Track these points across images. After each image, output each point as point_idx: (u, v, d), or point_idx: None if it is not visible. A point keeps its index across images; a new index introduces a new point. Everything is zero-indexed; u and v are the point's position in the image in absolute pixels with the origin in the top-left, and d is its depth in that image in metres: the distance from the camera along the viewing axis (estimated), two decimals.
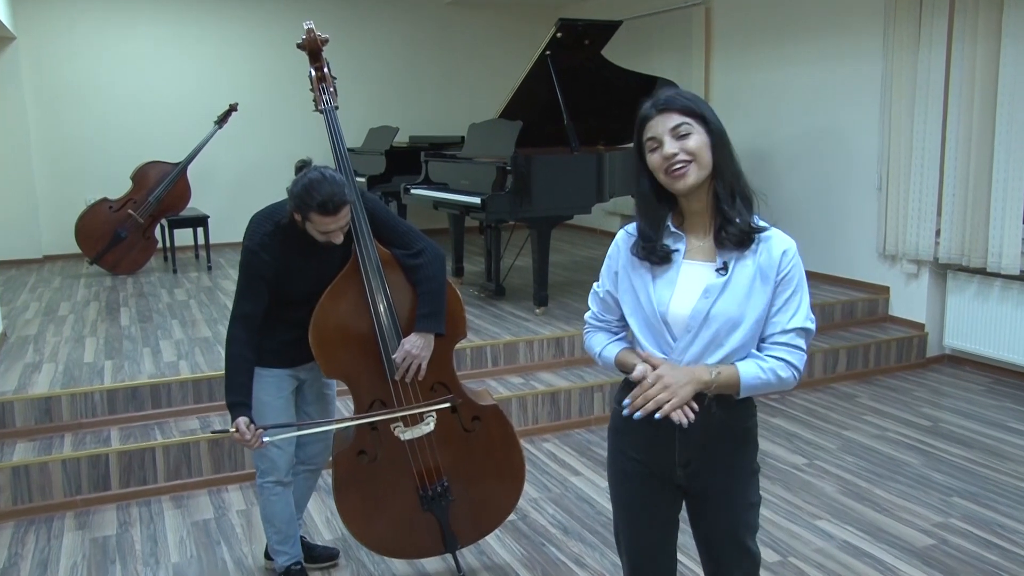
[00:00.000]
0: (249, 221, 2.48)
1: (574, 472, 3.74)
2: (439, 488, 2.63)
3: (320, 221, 2.34)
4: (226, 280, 6.46)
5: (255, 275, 2.42)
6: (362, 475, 2.57)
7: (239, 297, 2.44)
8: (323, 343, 2.49)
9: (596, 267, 6.86)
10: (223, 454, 3.63)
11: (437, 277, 2.55)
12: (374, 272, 2.53)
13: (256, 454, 2.61)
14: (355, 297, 2.53)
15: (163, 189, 6.76)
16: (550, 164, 5.01)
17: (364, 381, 2.54)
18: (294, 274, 2.46)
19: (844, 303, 5.48)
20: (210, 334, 4.78)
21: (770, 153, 6.52)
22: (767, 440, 4.07)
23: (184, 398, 3.94)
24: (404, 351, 2.51)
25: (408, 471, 2.61)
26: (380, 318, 2.53)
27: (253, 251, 2.41)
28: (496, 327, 4.82)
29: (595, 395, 4.33)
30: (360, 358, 2.53)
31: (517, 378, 4.45)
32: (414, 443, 2.59)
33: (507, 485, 2.76)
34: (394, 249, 2.59)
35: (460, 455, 2.67)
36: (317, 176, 2.35)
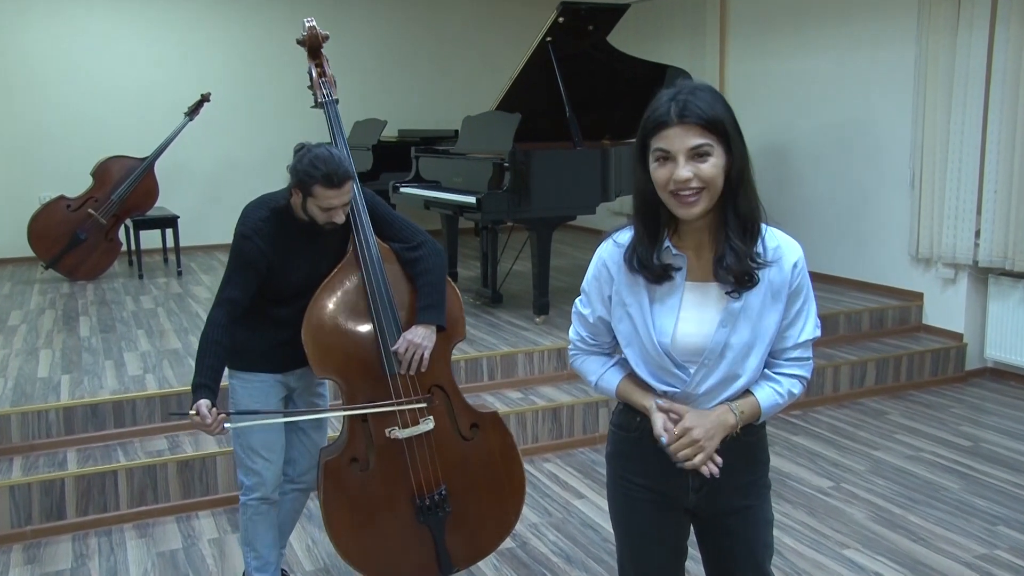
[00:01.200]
0: (243, 210, 2.56)
1: (577, 495, 3.73)
2: (437, 497, 2.65)
3: (324, 195, 2.42)
4: (198, 286, 6.46)
5: (246, 262, 2.47)
6: (354, 485, 2.58)
7: (225, 282, 2.50)
8: (318, 338, 2.54)
9: None
10: (193, 477, 3.63)
11: (436, 270, 2.65)
12: (373, 265, 2.61)
13: (241, 469, 2.64)
14: (353, 291, 2.60)
15: (127, 186, 6.78)
16: (551, 160, 5.02)
17: (359, 380, 2.58)
18: (288, 264, 2.52)
19: (873, 311, 5.49)
20: (180, 345, 4.78)
21: (791, 148, 6.53)
22: (788, 460, 4.07)
23: (151, 416, 3.93)
24: (406, 341, 2.57)
25: (403, 479, 2.62)
26: (379, 312, 2.59)
27: (246, 236, 2.47)
28: (493, 337, 4.82)
29: (600, 411, 4.33)
30: (356, 355, 2.58)
31: (515, 392, 4.46)
32: (413, 445, 2.61)
33: (506, 500, 2.78)
34: (394, 243, 2.68)
35: (458, 464, 2.69)
36: (322, 151, 2.45)
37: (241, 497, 2.69)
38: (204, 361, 2.45)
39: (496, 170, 5.03)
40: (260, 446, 2.63)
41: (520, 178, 4.92)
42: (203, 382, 2.42)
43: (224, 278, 2.51)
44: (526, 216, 5.02)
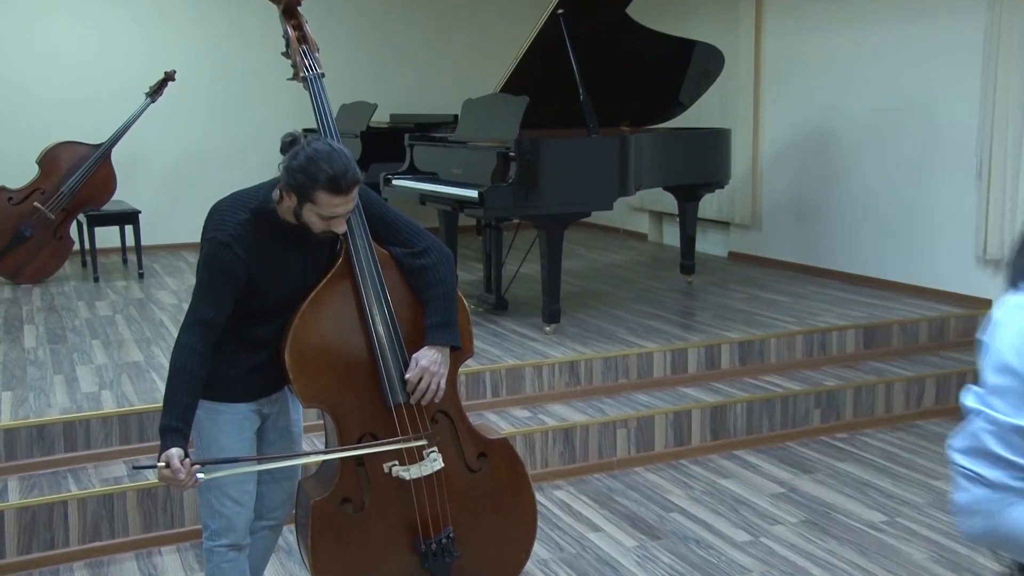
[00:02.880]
0: (212, 211, 2.46)
1: (592, 527, 3.74)
2: (444, 540, 2.64)
3: (327, 202, 2.34)
4: (162, 290, 6.50)
5: (223, 273, 2.37)
6: (346, 529, 2.56)
7: (197, 300, 2.40)
8: (304, 363, 2.48)
9: (619, 276, 6.92)
10: (156, 507, 3.64)
11: (447, 280, 2.60)
12: (371, 274, 2.56)
13: (207, 511, 2.61)
14: (345, 305, 2.55)
15: (80, 177, 6.81)
16: (563, 149, 5.04)
17: (353, 410, 2.55)
18: (271, 276, 2.44)
19: (933, 321, 5.49)
20: (141, 358, 4.80)
21: (837, 135, 6.54)
22: (833, 490, 4.08)
23: (107, 438, 3.96)
24: (420, 368, 2.54)
25: (405, 521, 2.62)
26: (377, 330, 2.56)
27: (223, 243, 2.36)
28: (497, 348, 4.83)
29: (618, 432, 4.34)
30: (350, 382, 2.54)
31: (522, 411, 4.47)
32: (422, 485, 2.60)
33: (516, 536, 2.79)
34: (394, 248, 2.63)
35: (465, 501, 2.69)
36: (323, 147, 2.36)
37: (206, 541, 2.64)
38: (174, 397, 2.35)
39: (500, 160, 5.05)
40: (231, 488, 2.57)
41: (528, 169, 4.94)
42: (173, 424, 2.33)
43: (196, 294, 2.41)
44: (534, 212, 5.03)
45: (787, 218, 7.06)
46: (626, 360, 4.76)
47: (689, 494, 4.05)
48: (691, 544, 3.59)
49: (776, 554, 3.49)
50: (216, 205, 2.47)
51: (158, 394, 4.14)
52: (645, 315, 5.56)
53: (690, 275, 6.48)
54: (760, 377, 4.97)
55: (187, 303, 2.84)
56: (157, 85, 7.23)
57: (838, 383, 4.88)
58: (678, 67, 6.08)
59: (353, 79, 8.54)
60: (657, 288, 6.38)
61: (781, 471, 4.31)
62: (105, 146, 6.93)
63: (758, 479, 4.22)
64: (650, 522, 3.78)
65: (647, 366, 4.81)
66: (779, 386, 4.83)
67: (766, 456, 4.50)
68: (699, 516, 3.83)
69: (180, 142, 8.23)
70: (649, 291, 6.29)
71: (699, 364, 4.92)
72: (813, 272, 6.79)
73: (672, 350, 4.86)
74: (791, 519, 3.79)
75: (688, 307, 5.83)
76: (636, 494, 4.06)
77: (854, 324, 5.31)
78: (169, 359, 2.43)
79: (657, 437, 4.43)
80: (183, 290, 6.43)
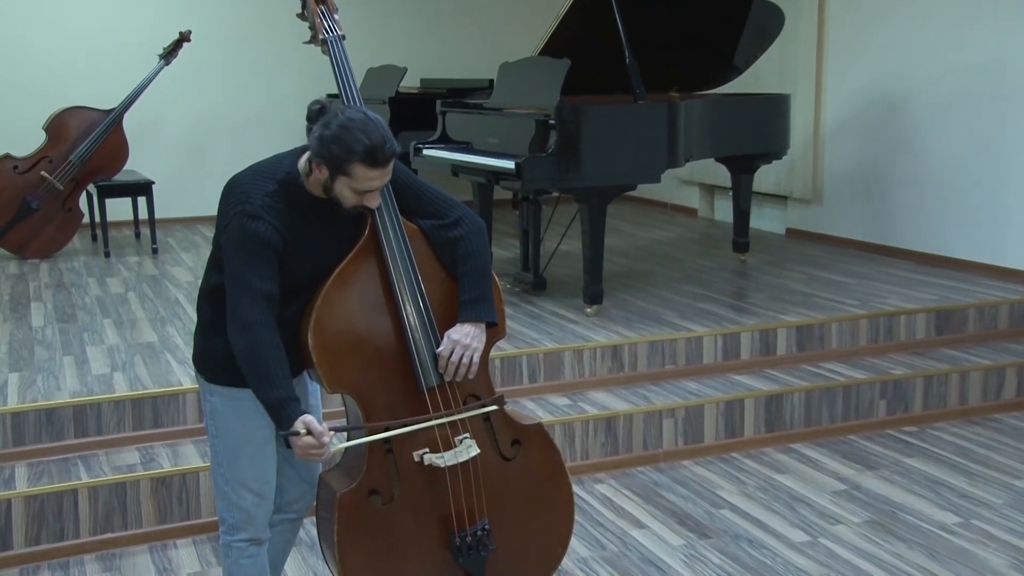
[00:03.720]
0: (231, 185, 2.47)
1: (636, 524, 3.73)
2: (479, 532, 2.66)
3: (363, 176, 2.35)
4: (177, 267, 6.56)
5: (261, 245, 2.37)
6: (374, 523, 2.58)
7: (242, 279, 2.37)
8: (328, 346, 2.50)
9: (666, 254, 6.89)
10: (171, 497, 3.68)
11: (481, 252, 2.61)
12: (399, 249, 2.57)
13: (224, 504, 2.62)
14: (372, 282, 2.56)
15: (90, 145, 6.86)
16: (607, 117, 5.01)
17: (381, 396, 2.57)
18: (297, 253, 2.45)
19: (1015, 305, 5.41)
20: (155, 338, 4.85)
21: (908, 99, 6.43)
22: (902, 488, 4.03)
23: (119, 423, 4.00)
24: (452, 341, 2.56)
25: (437, 513, 2.63)
26: (407, 308, 2.57)
27: (254, 216, 2.37)
28: (534, 331, 4.83)
29: (664, 422, 4.32)
30: (377, 365, 2.56)
31: (561, 398, 4.47)
32: (457, 473, 2.61)
33: (552, 529, 2.80)
34: (423, 220, 2.63)
35: (500, 491, 2.70)
36: (357, 116, 2.36)
37: (223, 536, 2.66)
38: (273, 371, 2.35)
39: (539, 129, 5.03)
40: (252, 478, 2.59)
41: (569, 139, 4.91)
42: (288, 394, 2.37)
43: (236, 276, 2.37)
44: (576, 185, 5.01)
45: (851, 192, 6.97)
46: (673, 345, 4.73)
47: (741, 490, 4.03)
48: (743, 544, 3.56)
49: (837, 556, 3.46)
50: (235, 179, 2.47)
51: (173, 377, 4.18)
52: (694, 296, 5.52)
53: (744, 253, 6.43)
54: (820, 364, 4.92)
55: None
56: (171, 46, 7.25)
57: (906, 371, 4.82)
58: (733, 26, 6.01)
59: (381, 41, 8.54)
60: (708, 267, 6.33)
61: (843, 467, 4.27)
62: (116, 112, 6.98)
63: (817, 475, 4.19)
64: (699, 519, 3.76)
65: (696, 351, 4.78)
66: (841, 374, 4.78)
67: (826, 450, 4.46)
68: (752, 514, 3.80)
69: (196, 108, 8.28)
70: (699, 271, 6.24)
71: (753, 349, 4.89)
72: (879, 251, 6.70)
73: (724, 334, 4.83)
74: (854, 519, 3.75)
75: (741, 288, 5.78)
76: (684, 489, 4.05)
77: (925, 307, 5.23)
78: (236, 345, 2.38)
79: (707, 428, 4.41)
80: (199, 266, 6.48)
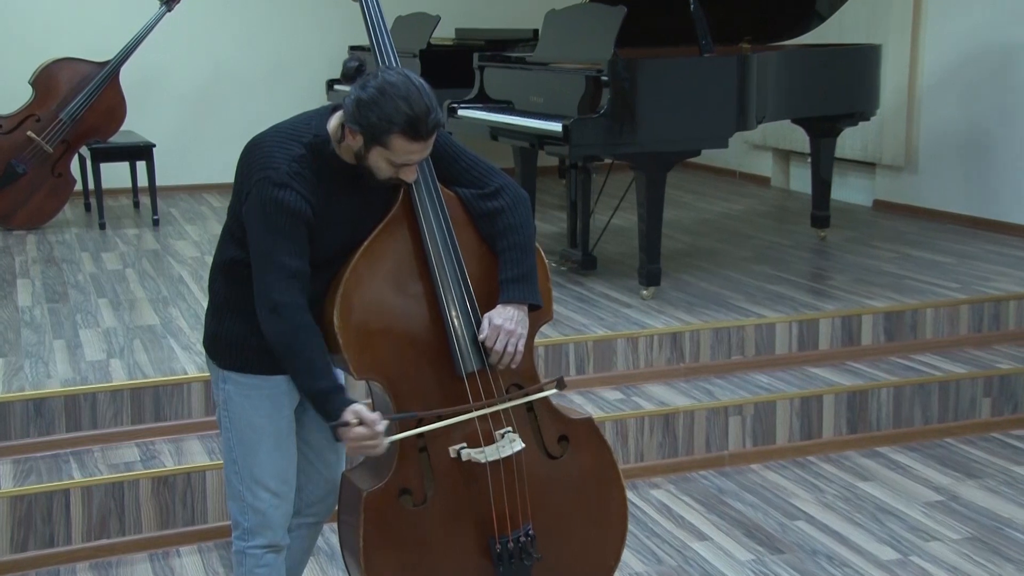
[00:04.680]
0: (252, 147, 2.49)
1: (698, 536, 3.74)
2: (522, 538, 2.67)
3: (402, 149, 2.37)
4: (180, 240, 6.62)
5: (289, 216, 2.39)
6: (405, 527, 2.60)
7: (272, 255, 2.40)
8: (356, 327, 2.52)
9: (734, 229, 6.86)
10: (174, 498, 3.73)
11: (524, 226, 2.64)
12: (437, 218, 2.59)
13: (237, 506, 2.64)
14: (405, 256, 2.59)
15: (82, 102, 6.88)
16: (667, 72, 4.99)
17: (414, 383, 2.60)
18: (326, 223, 2.48)
19: None
20: (157, 321, 4.91)
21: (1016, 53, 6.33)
22: (1007, 500, 4.00)
23: (116, 416, 4.04)
24: (494, 327, 2.58)
25: (475, 517, 2.65)
26: (444, 285, 2.59)
27: (280, 184, 2.39)
28: (583, 316, 4.83)
29: (730, 420, 4.32)
30: (411, 348, 2.59)
31: (613, 392, 4.47)
32: (499, 471, 2.62)
33: (602, 538, 2.81)
34: (461, 189, 2.66)
35: (545, 492, 2.71)
36: (399, 80, 2.36)
37: (236, 542, 2.68)
38: (313, 358, 2.42)
39: (590, 86, 5.01)
40: (270, 476, 2.61)
41: (623, 97, 4.90)
42: (333, 384, 2.43)
43: (262, 252, 2.41)
44: (631, 150, 4.99)
45: (951, 158, 6.88)
46: (742, 332, 4.72)
47: (819, 499, 4.02)
48: (820, 560, 3.55)
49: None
50: (257, 140, 2.50)
51: (177, 364, 4.23)
52: (766, 278, 5.49)
53: (824, 229, 6.38)
54: (912, 356, 4.88)
55: (211, 255, 2.88)
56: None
57: (1015, 366, 4.77)
58: None
59: None
60: (782, 245, 6.30)
61: (939, 474, 4.24)
62: (112, 64, 6.99)
63: (908, 483, 4.16)
64: (769, 531, 3.76)
65: (768, 340, 4.76)
66: (937, 368, 4.74)
67: (919, 455, 4.43)
68: (831, 526, 3.79)
69: (203, 61, 8.33)
70: (772, 248, 6.21)
71: (833, 339, 4.86)
72: (982, 225, 6.62)
73: (799, 321, 4.81)
74: (952, 535, 3.73)
75: (821, 268, 5.75)
76: (752, 496, 4.04)
77: None
78: (269, 331, 2.43)
79: (779, 428, 4.40)
80: (205, 240, 6.54)
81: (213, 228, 6.86)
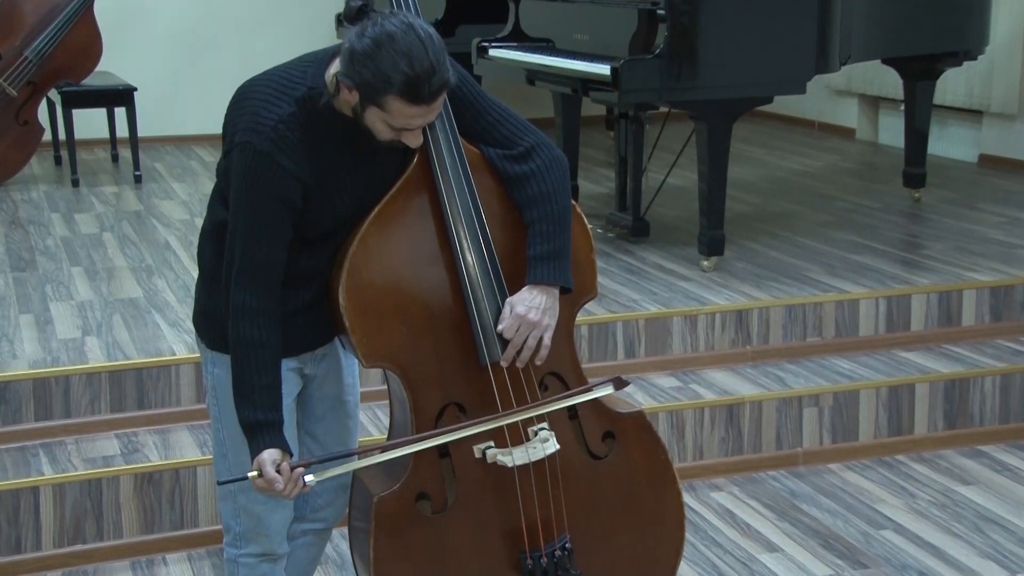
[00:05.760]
0: (241, 96, 2.50)
1: (767, 546, 3.75)
2: (557, 552, 2.67)
3: (400, 112, 2.34)
4: (167, 200, 6.66)
5: (269, 196, 2.41)
6: (422, 536, 2.61)
7: (241, 238, 2.43)
8: (366, 307, 2.52)
9: (812, 189, 6.84)
10: (159, 498, 3.77)
11: (559, 194, 2.61)
12: (458, 181, 2.58)
13: (229, 509, 2.68)
14: (422, 225, 2.59)
15: (51, 38, 6.85)
16: (734, 4, 4.97)
17: (432, 372, 2.60)
18: (324, 192, 2.48)
19: None
20: (140, 293, 4.94)
21: None
22: None
23: (93, 403, 4.08)
24: (515, 316, 2.56)
25: (503, 527, 2.66)
26: (466, 259, 2.58)
27: (263, 153, 2.39)
28: (633, 290, 4.84)
29: (805, 413, 4.32)
30: (428, 332, 2.59)
31: (667, 378, 4.48)
32: (530, 475, 2.62)
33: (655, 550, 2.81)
34: (487, 147, 2.65)
35: (585, 497, 2.71)
36: (399, 31, 2.33)
37: (228, 549, 2.71)
38: (248, 380, 2.42)
39: (644, 22, 5.00)
40: None
41: (683, 35, 4.88)
42: (257, 417, 2.42)
43: (237, 228, 2.43)
44: (692, 97, 4.98)
45: None
46: (819, 310, 4.72)
47: (910, 505, 4.02)
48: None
49: None
50: (246, 88, 2.49)
51: (163, 344, 4.27)
52: (849, 246, 5.48)
53: (919, 189, 6.36)
54: (1022, 339, 4.86)
55: (201, 217, 2.90)
56: None
57: None
58: None
59: None
60: (868, 208, 6.28)
61: None
62: None
63: (1017, 488, 4.15)
64: (851, 542, 3.76)
65: (850, 319, 4.76)
66: None
67: None
68: (925, 537, 3.79)
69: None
70: (856, 211, 6.20)
71: (929, 318, 4.85)
72: None
73: (888, 296, 4.80)
74: None
75: (914, 235, 5.74)
76: (830, 502, 4.05)
77: None
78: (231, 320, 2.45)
79: (863, 422, 4.40)
80: (196, 200, 6.58)
81: (204, 186, 6.89)
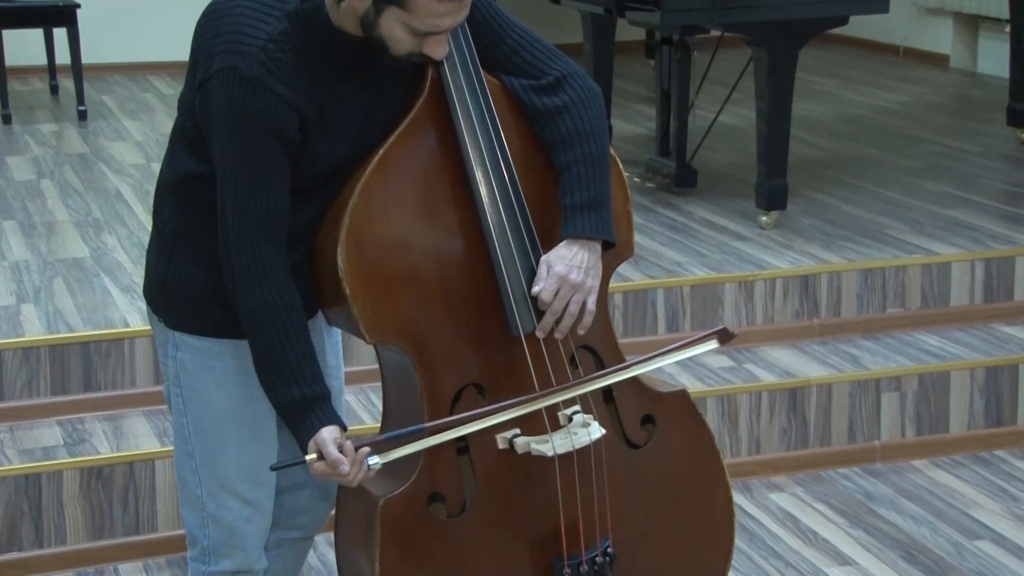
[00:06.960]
0: (212, 15, 2.46)
1: (837, 557, 3.77)
2: (599, 558, 2.68)
3: (426, 9, 2.31)
4: (118, 141, 6.69)
5: (263, 132, 2.38)
6: (437, 545, 2.62)
7: (234, 189, 2.40)
8: (370, 272, 2.51)
9: (895, 130, 6.84)
10: (110, 497, 3.80)
11: (596, 132, 2.60)
12: (478, 116, 2.57)
13: (195, 518, 2.67)
14: (435, 171, 2.59)
15: None
16: None
17: (450, 348, 2.60)
18: (323, 128, 2.47)
19: None
20: (86, 252, 4.97)
21: None
22: None
23: (31, 384, 4.12)
24: (556, 276, 2.54)
25: (534, 530, 2.68)
26: (489, 210, 2.58)
27: (251, 82, 2.35)
28: (677, 251, 4.87)
29: (884, 398, 4.34)
30: (444, 300, 2.59)
31: (718, 356, 4.47)
32: (571, 467, 2.62)
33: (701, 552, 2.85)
34: (511, 78, 2.64)
35: (624, 493, 2.72)
36: None
37: (193, 564, 2.72)
38: (283, 353, 2.42)
39: None
40: (239, 478, 2.62)
41: None
42: (307, 393, 2.43)
43: (226, 183, 2.40)
44: (749, 18, 4.99)
45: None
46: (902, 275, 4.73)
47: (1011, 510, 4.04)
48: None
49: None
50: (222, 2, 2.46)
51: (114, 313, 4.28)
52: (940, 199, 5.49)
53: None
54: None
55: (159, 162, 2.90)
56: None
57: None
58: None
59: None
60: (964, 152, 6.29)
61: None
62: None
63: None
64: (940, 554, 3.78)
65: (940, 287, 4.77)
66: None
67: None
68: None
69: None
70: (949, 156, 6.20)
71: None
72: None
73: (987, 259, 4.81)
74: None
75: (1020, 185, 5.75)
76: (914, 505, 4.07)
77: None
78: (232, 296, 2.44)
79: (953, 410, 4.42)
80: (153, 142, 6.59)
81: (163, 124, 6.91)
